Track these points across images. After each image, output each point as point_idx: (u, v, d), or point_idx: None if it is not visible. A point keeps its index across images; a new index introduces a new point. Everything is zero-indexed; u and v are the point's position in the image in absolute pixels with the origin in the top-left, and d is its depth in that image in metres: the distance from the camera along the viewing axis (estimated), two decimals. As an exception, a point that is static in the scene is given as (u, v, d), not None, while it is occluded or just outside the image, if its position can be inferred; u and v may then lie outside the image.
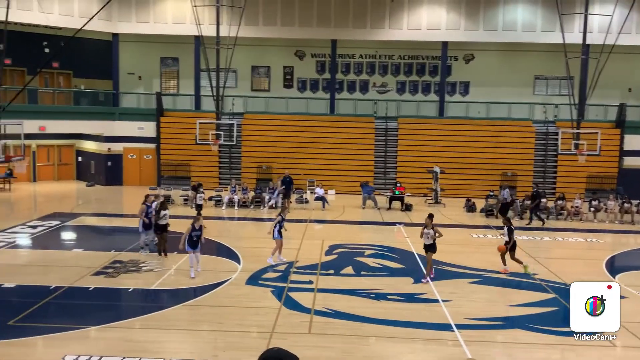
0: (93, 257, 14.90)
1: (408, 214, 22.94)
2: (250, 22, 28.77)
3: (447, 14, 29.64)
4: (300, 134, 28.79)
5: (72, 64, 30.70)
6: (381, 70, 33.11)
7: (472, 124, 29.46)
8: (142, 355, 8.90)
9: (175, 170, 28.56)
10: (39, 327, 10.12)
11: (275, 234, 14.61)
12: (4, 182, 27.13)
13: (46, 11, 25.65)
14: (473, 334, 10.32)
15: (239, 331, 10.16)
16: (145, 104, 30.97)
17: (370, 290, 12.63)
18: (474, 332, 10.42)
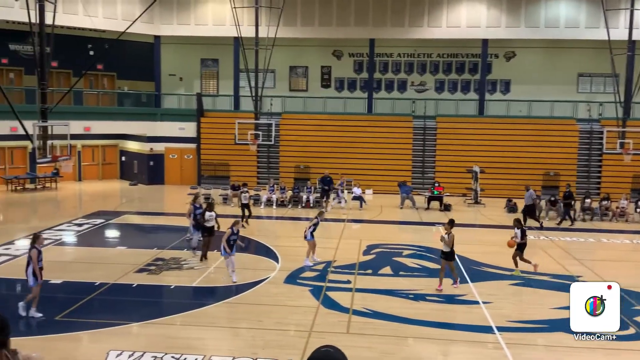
0: (136, 255, 15.25)
1: (447, 214, 22.67)
2: (288, 22, 28.95)
3: (487, 11, 29.17)
4: (338, 134, 28.79)
5: (116, 66, 31.50)
6: (419, 69, 32.83)
7: (513, 123, 28.91)
8: (184, 352, 9.07)
9: (215, 170, 28.97)
10: (84, 322, 10.43)
11: (308, 236, 14.58)
12: (51, 181, 28.03)
13: (91, 14, 26.37)
14: (514, 337, 10.14)
15: (277, 329, 10.24)
16: (186, 104, 31.52)
17: (408, 290, 12.55)
18: (515, 335, 10.24)
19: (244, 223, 18.90)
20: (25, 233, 17.76)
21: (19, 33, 27.36)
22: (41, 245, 10.63)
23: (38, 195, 26.35)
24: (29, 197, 25.86)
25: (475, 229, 20.02)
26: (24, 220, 21.08)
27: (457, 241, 17.47)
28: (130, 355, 8.94)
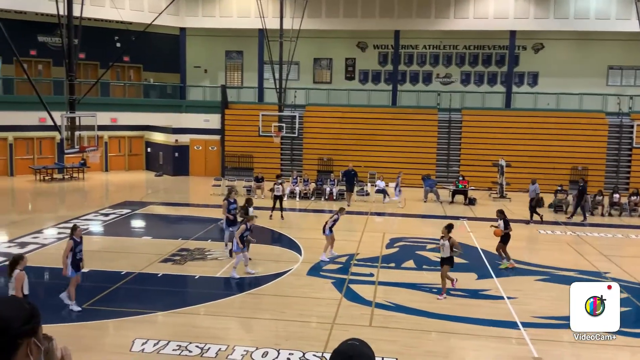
0: (161, 245, 15.44)
1: (471, 208, 22.47)
2: (313, 14, 28.86)
3: (515, 2, 28.68)
4: (362, 126, 28.67)
5: (142, 58, 31.84)
6: (445, 61, 32.48)
7: (541, 116, 28.44)
8: (208, 341, 9.15)
9: (239, 162, 29.12)
10: (110, 310, 10.60)
11: (327, 231, 14.41)
12: (78, 172, 28.49)
13: (118, 7, 26.64)
14: (539, 333, 10.01)
15: (300, 321, 10.27)
16: (211, 96, 31.71)
17: (432, 284, 12.46)
18: (540, 331, 10.11)
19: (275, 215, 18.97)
20: (53, 222, 18.11)
21: (48, 25, 27.82)
22: (78, 237, 10.76)
23: (66, 185, 26.81)
24: (57, 187, 26.34)
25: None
26: (52, 210, 21.47)
27: (483, 235, 17.38)
28: (155, 343, 9.05)
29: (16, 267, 8.80)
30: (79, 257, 10.66)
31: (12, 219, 18.98)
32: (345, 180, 23.01)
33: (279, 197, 19.62)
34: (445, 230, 11.71)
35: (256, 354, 8.80)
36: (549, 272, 13.73)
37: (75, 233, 10.69)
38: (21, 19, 26.93)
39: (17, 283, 8.71)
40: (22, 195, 24.61)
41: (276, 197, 19.66)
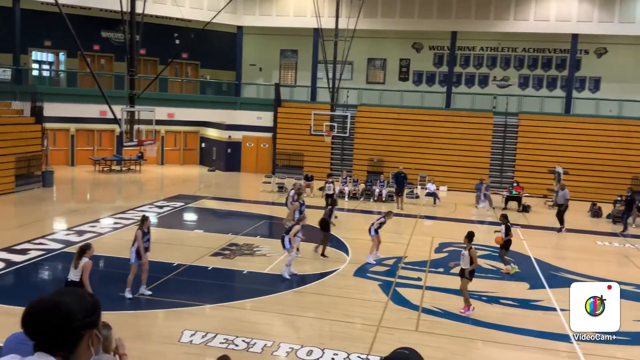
0: (212, 239, 15.74)
1: (525, 216, 21.89)
2: (368, 14, 28.76)
3: (578, 4, 27.72)
4: (414, 128, 28.36)
5: (200, 55, 32.52)
6: (503, 64, 31.75)
7: (602, 123, 27.38)
8: (254, 336, 9.27)
9: (289, 160, 29.34)
10: (162, 301, 10.89)
11: (372, 232, 14.29)
12: (135, 164, 29.39)
13: (179, 4, 27.28)
14: (591, 348, 9.63)
15: (345, 321, 10.26)
16: (265, 94, 32.06)
17: (481, 292, 12.21)
18: (592, 346, 9.71)
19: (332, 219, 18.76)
20: (110, 212, 18.75)
21: (111, 21, 28.80)
22: (146, 228, 11.10)
23: (123, 176, 27.71)
24: (115, 178, 27.25)
25: (555, 232, 19.19)
26: (110, 200, 22.22)
27: (537, 244, 16.92)
28: (203, 335, 9.24)
29: (83, 255, 9.20)
30: (145, 247, 11.00)
31: (71, 208, 19.77)
32: (395, 183, 22.78)
33: (330, 196, 19.64)
34: (466, 239, 10.97)
35: (301, 351, 8.85)
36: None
37: (145, 224, 11.09)
38: (86, 14, 27.96)
39: (84, 272, 9.13)
40: (82, 185, 25.58)
41: (327, 196, 19.70)
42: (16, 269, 12.54)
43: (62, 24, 15.09)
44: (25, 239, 14.75)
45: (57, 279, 12.63)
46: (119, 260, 13.38)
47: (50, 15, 25.80)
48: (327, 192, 19.73)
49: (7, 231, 15.71)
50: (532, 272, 14.04)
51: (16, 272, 12.43)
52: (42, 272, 13.00)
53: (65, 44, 28.07)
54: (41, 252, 13.72)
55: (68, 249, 14.11)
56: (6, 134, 21.31)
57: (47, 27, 27.36)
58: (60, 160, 28.79)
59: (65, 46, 28.75)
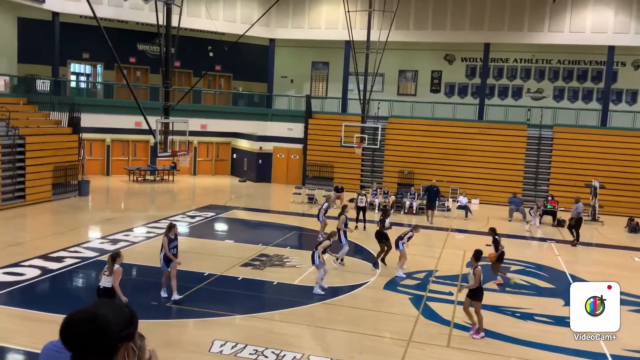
0: (242, 249, 15.82)
1: (560, 230, 21.41)
2: (400, 26, 28.73)
3: (614, 16, 27.17)
4: (446, 140, 28.10)
5: (232, 68, 32.95)
6: (537, 76, 31.30)
7: (639, 136, 26.69)
8: (283, 348, 9.25)
9: (320, 171, 29.37)
10: (192, 310, 10.96)
11: (400, 246, 14.06)
12: (169, 174, 29.83)
13: (212, 18, 27.74)
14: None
15: (375, 335, 10.16)
16: (296, 106, 32.25)
17: (515, 308, 11.96)
18: (632, 367, 9.43)
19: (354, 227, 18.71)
20: (143, 222, 19.03)
21: (147, 34, 29.43)
22: (173, 235, 11.42)
23: (157, 186, 28.13)
24: (149, 187, 27.68)
25: (591, 248, 18.74)
26: (143, 210, 22.56)
27: (572, 259, 16.51)
28: (233, 346, 9.25)
29: (115, 262, 9.45)
30: (173, 253, 11.30)
31: (106, 216, 20.14)
32: (427, 197, 22.33)
33: (362, 209, 19.61)
34: (472, 258, 10.59)
35: (330, 365, 8.79)
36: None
37: (171, 231, 11.38)
38: (123, 27, 28.67)
39: (115, 278, 9.37)
40: (116, 195, 26.06)
41: (359, 209, 19.66)
42: (52, 277, 12.80)
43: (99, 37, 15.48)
44: (61, 246, 15.06)
45: (91, 286, 12.83)
46: (152, 269, 13.54)
47: (89, 29, 26.51)
48: (359, 204, 19.70)
49: (43, 239, 16.08)
50: (568, 289, 13.65)
51: (52, 280, 12.69)
52: (77, 279, 13.25)
53: (102, 56, 28.81)
54: (76, 260, 13.99)
55: (102, 257, 14.35)
56: (44, 144, 21.88)
57: (85, 40, 28.11)
58: (96, 169, 29.42)
59: (103, 58, 29.50)
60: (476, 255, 10.59)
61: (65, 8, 25.86)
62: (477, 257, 10.54)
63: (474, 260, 10.53)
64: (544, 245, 19.04)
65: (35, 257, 13.97)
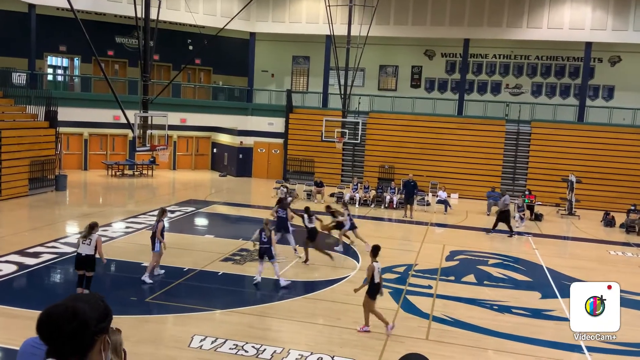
0: (222, 244, 15.77)
1: (537, 224, 21.72)
2: (381, 21, 28.78)
3: (592, 12, 27.55)
4: (426, 135, 28.30)
5: (212, 61, 32.71)
6: (516, 71, 31.63)
7: (616, 132, 27.15)
8: (264, 342, 9.25)
9: (300, 166, 29.38)
10: (172, 305, 10.91)
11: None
12: (148, 169, 29.57)
13: (192, 11, 27.48)
14: (605, 358, 9.54)
15: (355, 329, 10.21)
16: (276, 100, 32.16)
17: (493, 301, 12.12)
18: (606, 357, 9.63)
19: None
20: (122, 217, 18.85)
21: (125, 27, 29.08)
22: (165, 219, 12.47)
23: (135, 181, 27.87)
24: (127, 182, 27.41)
25: (567, 241, 19.05)
26: (122, 205, 22.34)
27: (549, 253, 16.77)
28: (213, 341, 9.23)
29: (93, 231, 10.51)
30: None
31: (84, 212, 19.91)
32: (405, 191, 22.18)
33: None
34: (370, 252, 10.32)
35: (310, 358, 8.82)
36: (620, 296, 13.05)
37: (164, 215, 12.31)
38: (100, 20, 28.27)
39: (99, 245, 10.57)
40: (94, 189, 25.76)
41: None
42: (28, 272, 12.63)
43: (77, 30, 15.25)
44: (38, 242, 14.86)
45: (69, 281, 12.70)
46: (131, 265, 13.45)
47: (65, 21, 26.12)
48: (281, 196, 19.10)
49: (20, 234, 15.84)
50: (544, 282, 13.92)
51: (28, 275, 12.51)
52: (54, 275, 13.08)
53: (79, 49, 28.41)
54: (53, 256, 13.82)
55: (80, 253, 14.20)
56: (21, 138, 21.52)
57: (62, 33, 27.68)
58: (74, 164, 29.05)
59: (80, 51, 29.07)
60: (374, 250, 10.27)
61: (41, 0, 25.42)
62: (374, 252, 10.20)
63: (371, 253, 10.23)
64: (521, 238, 19.29)
65: (12, 252, 13.76)
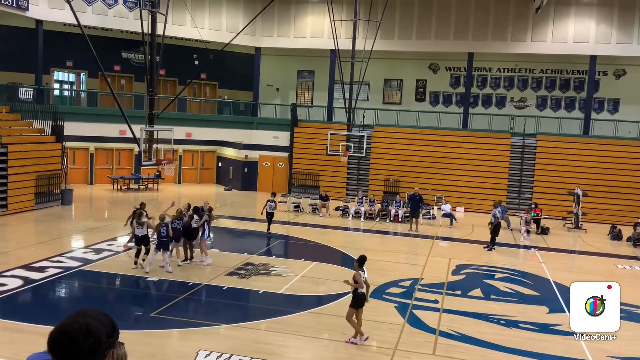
0: (227, 258, 15.74)
1: (544, 238, 21.59)
2: (385, 35, 28.91)
3: (596, 26, 27.60)
4: (430, 149, 28.28)
5: (218, 76, 32.89)
6: (520, 85, 31.65)
7: (621, 145, 27.04)
8: (269, 358, 9.19)
9: (305, 179, 29.37)
10: (176, 320, 10.86)
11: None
12: (153, 183, 29.62)
13: (198, 26, 27.71)
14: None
15: (360, 344, 10.13)
16: (281, 114, 32.26)
17: (500, 316, 12.02)
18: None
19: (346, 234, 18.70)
20: (127, 231, 18.83)
21: (131, 42, 29.32)
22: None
23: (141, 195, 27.86)
24: (133, 196, 27.43)
25: (574, 255, 18.91)
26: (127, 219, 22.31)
27: (556, 267, 16.64)
28: (218, 356, 9.17)
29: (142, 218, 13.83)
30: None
31: (89, 226, 19.93)
32: (410, 205, 22.03)
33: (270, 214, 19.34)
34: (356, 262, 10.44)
35: (316, 374, 8.75)
36: (627, 310, 12.89)
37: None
38: (107, 35, 28.52)
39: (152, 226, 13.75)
40: (100, 204, 25.80)
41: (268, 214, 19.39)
42: (34, 287, 12.62)
43: (83, 45, 15.39)
44: (44, 256, 14.86)
45: (74, 296, 12.70)
46: (135, 279, 13.43)
47: (72, 37, 26.35)
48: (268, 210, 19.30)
49: (25, 248, 15.86)
50: (552, 296, 13.80)
51: (34, 290, 12.50)
52: (60, 290, 13.06)
53: (86, 64, 28.62)
54: (59, 270, 13.81)
55: (85, 267, 14.19)
56: (27, 153, 21.64)
57: (69, 48, 27.92)
58: (80, 178, 29.14)
59: (87, 66, 29.30)
60: (359, 260, 10.41)
61: (49, 16, 25.68)
62: (360, 263, 10.35)
63: (357, 265, 10.33)
64: (528, 252, 19.17)
65: (18, 267, 13.77)
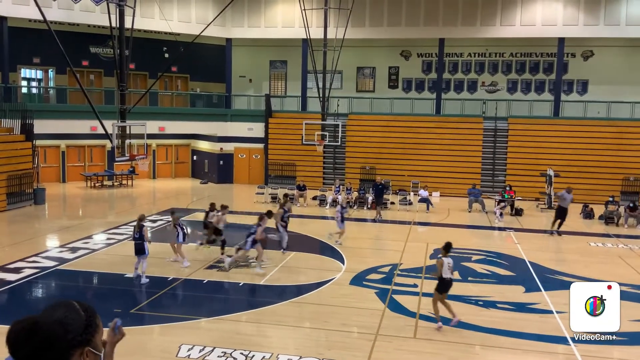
0: (206, 252, 15.68)
1: (518, 219, 21.98)
2: (356, 23, 28.92)
3: (564, 9, 28.02)
4: (405, 135, 28.49)
5: (189, 68, 32.54)
6: (491, 69, 32.00)
7: (591, 125, 27.64)
8: (252, 349, 9.22)
9: (282, 170, 29.35)
10: (157, 316, 10.82)
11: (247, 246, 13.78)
12: (127, 179, 29.28)
13: (167, 18, 27.33)
14: (590, 349, 9.65)
15: (343, 331, 10.24)
16: (255, 105, 32.12)
17: (477, 297, 12.23)
18: (591, 347, 9.74)
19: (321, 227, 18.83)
20: (102, 228, 18.63)
21: (99, 36, 28.82)
22: None
23: (115, 192, 27.58)
24: (107, 193, 27.12)
25: (548, 235, 19.29)
26: (102, 216, 22.08)
27: (531, 247, 16.99)
28: (200, 349, 9.18)
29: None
30: None
31: (64, 225, 19.64)
32: (374, 194, 22.50)
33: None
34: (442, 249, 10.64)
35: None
36: None
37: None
38: (74, 30, 27.94)
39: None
40: (74, 202, 25.43)
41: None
42: (10, 288, 12.42)
43: (50, 41, 15.08)
44: (19, 257, 14.62)
45: (51, 296, 12.54)
46: (113, 276, 13.32)
47: (39, 33, 25.80)
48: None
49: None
50: (527, 275, 14.09)
51: (10, 291, 12.31)
52: (36, 290, 12.88)
53: (54, 60, 28.04)
54: (35, 270, 13.61)
55: (62, 267, 14.02)
56: (-4, 152, 21.18)
57: (35, 44, 27.33)
58: (52, 177, 28.65)
59: (54, 63, 28.71)
60: (445, 247, 10.58)
61: (13, 12, 25.05)
62: (445, 249, 10.55)
63: (443, 251, 10.55)
64: (502, 234, 19.51)
65: (-9, 269, 13.52)
